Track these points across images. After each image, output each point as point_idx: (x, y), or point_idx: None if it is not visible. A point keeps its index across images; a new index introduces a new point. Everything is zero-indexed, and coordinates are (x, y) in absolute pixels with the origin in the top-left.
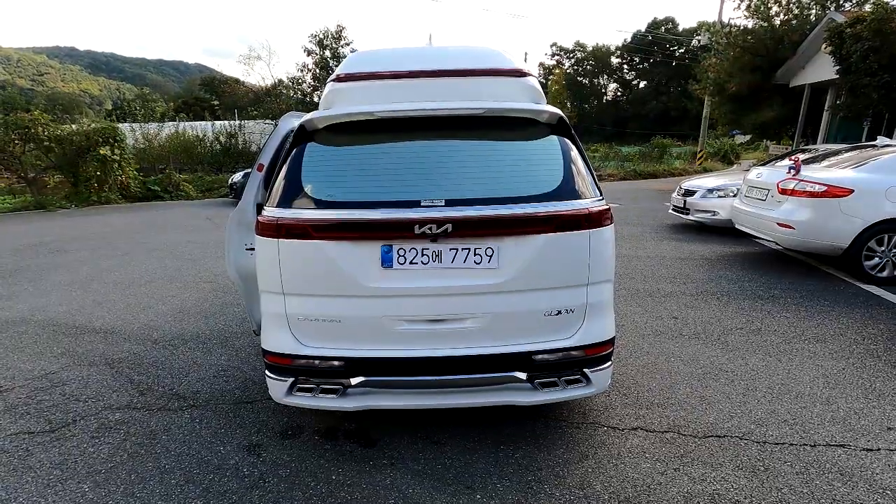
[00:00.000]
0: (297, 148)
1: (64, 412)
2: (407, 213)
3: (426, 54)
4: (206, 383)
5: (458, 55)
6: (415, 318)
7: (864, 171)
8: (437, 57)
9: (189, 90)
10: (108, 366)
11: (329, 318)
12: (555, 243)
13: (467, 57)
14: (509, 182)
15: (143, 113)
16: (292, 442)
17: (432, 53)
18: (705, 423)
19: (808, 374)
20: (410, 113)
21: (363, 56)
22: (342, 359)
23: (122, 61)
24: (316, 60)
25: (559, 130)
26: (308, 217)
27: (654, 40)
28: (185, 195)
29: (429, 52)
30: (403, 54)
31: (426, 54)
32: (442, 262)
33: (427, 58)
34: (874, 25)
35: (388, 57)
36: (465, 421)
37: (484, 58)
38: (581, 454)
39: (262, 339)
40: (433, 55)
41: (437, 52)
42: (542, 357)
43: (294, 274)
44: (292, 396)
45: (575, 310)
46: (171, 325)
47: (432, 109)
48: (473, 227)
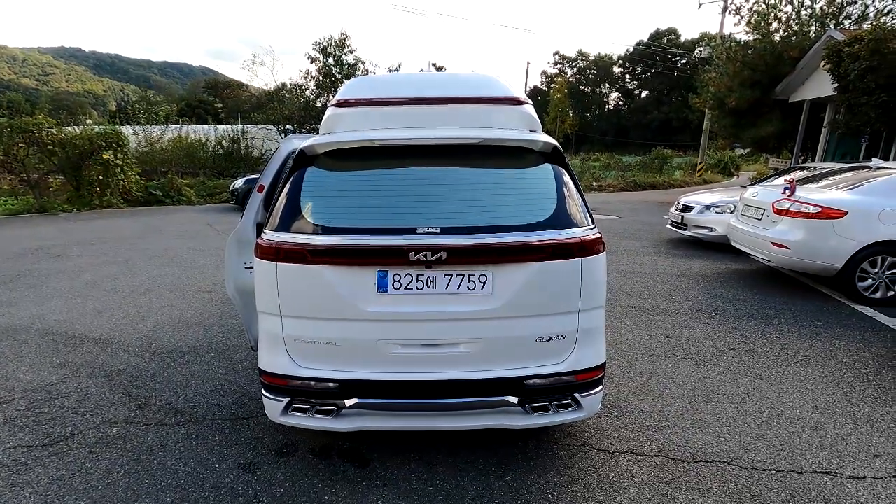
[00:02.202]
0: (298, 172)
1: (62, 425)
2: (403, 240)
3: (425, 81)
4: (203, 398)
5: (456, 83)
6: (409, 342)
7: (859, 193)
8: (436, 84)
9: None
10: (106, 378)
11: (325, 341)
12: (548, 271)
13: (465, 85)
14: (504, 210)
15: (146, 116)
16: (287, 461)
17: (431, 80)
18: (694, 448)
19: (798, 398)
20: (409, 141)
21: (363, 81)
22: (337, 380)
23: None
24: (319, 68)
25: (553, 159)
26: (306, 242)
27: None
28: (186, 200)
29: (427, 79)
30: (403, 80)
31: (425, 81)
32: (436, 287)
33: (426, 85)
34: (872, 45)
35: (388, 83)
36: (457, 442)
37: (481, 86)
38: (571, 478)
39: (259, 359)
40: (432, 82)
41: (435, 78)
42: (534, 382)
43: (291, 296)
44: (287, 416)
45: (566, 336)
46: (170, 337)
47: (430, 139)
48: (468, 254)
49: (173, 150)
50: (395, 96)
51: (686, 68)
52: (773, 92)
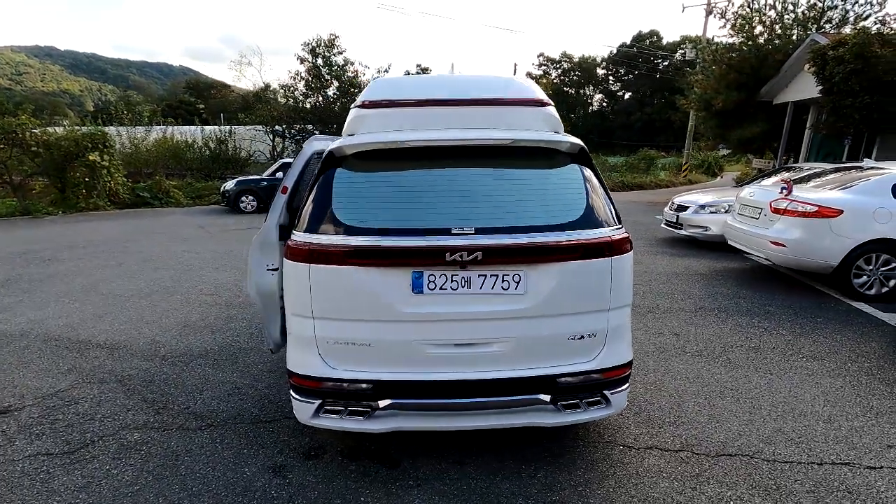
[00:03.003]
0: (327, 173)
1: (80, 432)
2: (438, 241)
3: (449, 83)
4: (222, 401)
5: (480, 84)
6: (443, 342)
7: (853, 192)
8: (460, 86)
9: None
10: (118, 383)
11: (359, 342)
12: (579, 270)
13: (489, 86)
14: (535, 210)
15: (130, 116)
16: (316, 463)
17: (455, 82)
18: (716, 442)
19: (809, 392)
20: (440, 143)
21: (387, 83)
22: (370, 381)
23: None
24: (308, 68)
25: (580, 159)
26: (340, 243)
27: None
28: (174, 202)
29: (451, 81)
30: (427, 82)
31: (449, 83)
32: (471, 287)
33: (450, 86)
34: (857, 49)
35: (412, 84)
36: (486, 441)
37: (506, 87)
38: (601, 474)
39: (289, 361)
40: (456, 84)
41: (459, 80)
42: (566, 380)
43: (324, 298)
44: (319, 418)
45: (597, 334)
46: (178, 341)
47: (461, 140)
48: (502, 254)
49: (158, 151)
50: (420, 98)
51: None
52: (758, 94)
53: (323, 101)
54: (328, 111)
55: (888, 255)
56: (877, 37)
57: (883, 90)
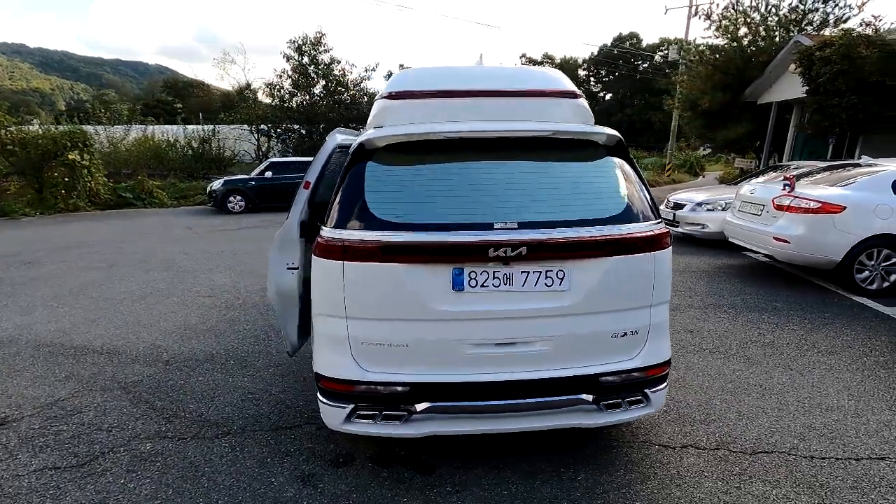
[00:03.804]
0: (356, 167)
1: (88, 444)
2: (481, 236)
3: (477, 73)
4: (236, 408)
5: (510, 75)
6: (484, 341)
7: (855, 188)
8: (490, 76)
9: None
10: (122, 390)
11: (395, 343)
12: (623, 266)
13: (521, 77)
14: (576, 204)
15: (107, 115)
16: (346, 470)
17: (484, 73)
18: (751, 440)
19: (831, 386)
20: (478, 134)
21: (413, 73)
22: (407, 384)
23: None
24: (294, 66)
25: (617, 152)
26: (377, 239)
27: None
28: (158, 202)
29: (480, 72)
30: (454, 73)
31: (477, 73)
32: (513, 284)
33: (480, 77)
34: (843, 50)
35: (439, 75)
36: (518, 444)
37: (537, 79)
38: (643, 475)
39: (317, 364)
40: (485, 74)
41: (488, 71)
42: (609, 379)
43: (359, 297)
44: (351, 424)
45: (639, 331)
46: (180, 345)
47: (501, 131)
48: (547, 250)
49: (138, 151)
50: (449, 88)
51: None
52: (743, 94)
53: (309, 99)
54: (315, 110)
55: (889, 251)
56: (862, 38)
57: (868, 90)
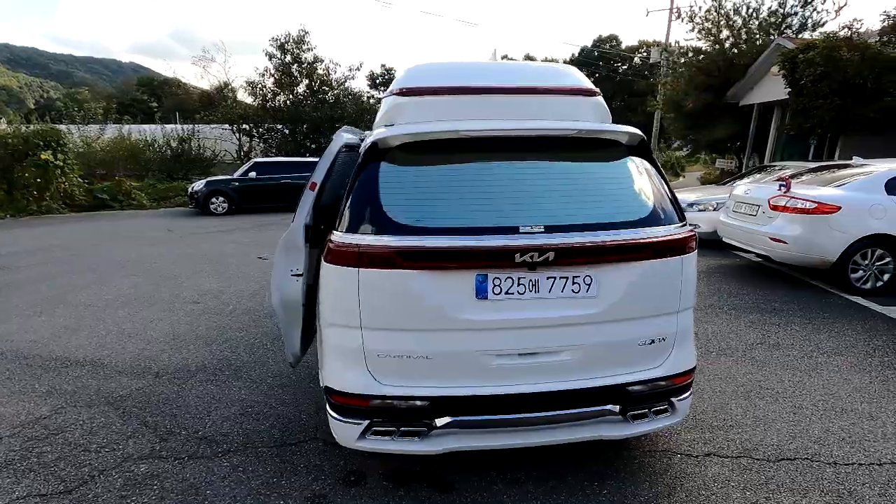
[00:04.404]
0: (369, 167)
1: (75, 466)
2: (506, 241)
3: (492, 70)
4: (235, 423)
5: (527, 72)
6: (508, 351)
7: (849, 189)
8: (506, 73)
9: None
10: (110, 406)
11: (415, 355)
12: (652, 270)
13: (537, 74)
14: (603, 207)
15: (82, 114)
16: (360, 490)
17: (500, 69)
18: (771, 446)
19: (842, 388)
20: (501, 133)
21: (425, 69)
22: (427, 398)
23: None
24: (277, 65)
25: (640, 152)
26: (396, 244)
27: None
28: (136, 204)
29: (494, 68)
30: (469, 69)
31: (492, 70)
32: (539, 291)
33: (495, 73)
34: (825, 53)
35: (453, 71)
36: (536, 456)
37: (554, 76)
38: (669, 486)
39: (328, 378)
40: (501, 71)
41: (502, 67)
42: (636, 388)
43: (376, 307)
44: (366, 441)
45: (667, 338)
46: (170, 355)
47: (525, 130)
48: (576, 254)
49: (114, 150)
50: (463, 85)
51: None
52: (726, 96)
53: (293, 99)
54: (299, 110)
55: (883, 250)
56: (845, 41)
57: (849, 92)
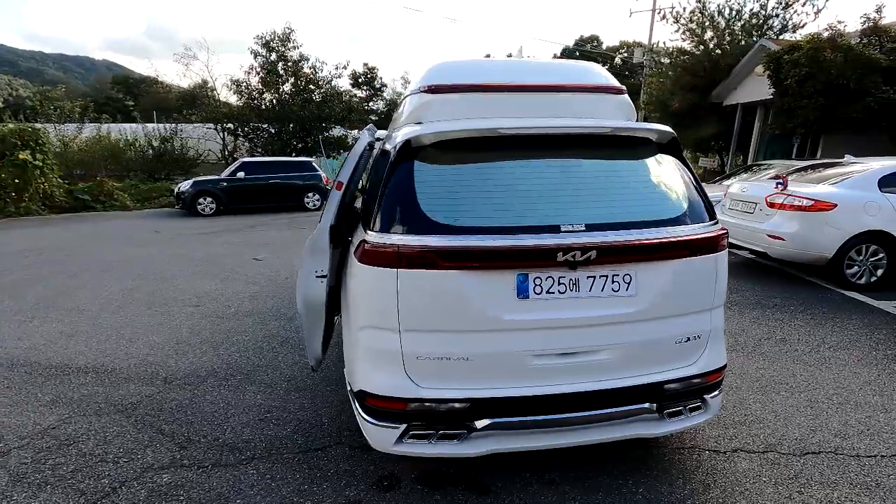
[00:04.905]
0: (403, 166)
1: (94, 478)
2: (548, 240)
3: (519, 67)
4: (255, 429)
5: (553, 70)
6: (548, 351)
7: (844, 186)
8: (533, 71)
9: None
10: (121, 414)
11: (455, 357)
12: (689, 268)
13: (564, 72)
14: (640, 205)
15: (58, 112)
16: (395, 495)
17: (527, 67)
18: (794, 440)
19: (852, 382)
20: (538, 131)
21: (451, 66)
22: (467, 400)
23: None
24: (262, 63)
25: (672, 150)
26: (437, 244)
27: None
28: (120, 205)
29: (521, 66)
30: (495, 66)
31: (519, 67)
32: (579, 290)
33: (522, 71)
34: (810, 54)
35: (479, 68)
36: (567, 456)
37: (581, 73)
38: (702, 484)
39: (361, 381)
40: (528, 68)
41: (529, 65)
42: (672, 386)
43: (415, 308)
44: (402, 445)
45: (701, 335)
46: (176, 360)
47: (562, 127)
48: (617, 253)
49: (93, 150)
50: (491, 82)
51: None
52: (710, 96)
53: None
54: (285, 108)
55: (877, 246)
56: (828, 42)
57: (833, 92)
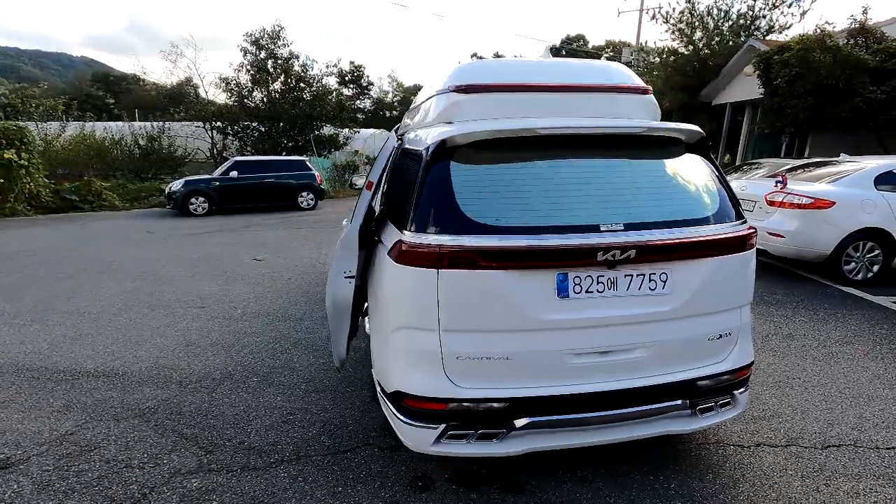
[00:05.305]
0: (438, 166)
1: (122, 485)
2: (589, 239)
3: (546, 67)
4: (280, 432)
5: (581, 70)
6: (586, 350)
7: (842, 184)
8: (560, 70)
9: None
10: (139, 419)
11: (495, 356)
12: (721, 266)
13: (591, 72)
14: (673, 204)
15: (40, 111)
16: (430, 495)
17: (551, 67)
18: (814, 434)
19: (862, 376)
20: (574, 130)
21: (479, 66)
22: (507, 399)
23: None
24: (251, 61)
25: (700, 149)
26: (479, 244)
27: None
28: (108, 205)
29: (549, 65)
30: (521, 66)
31: (546, 67)
32: (617, 289)
33: (550, 71)
34: (801, 54)
35: (506, 68)
36: (598, 455)
37: (608, 73)
38: (732, 478)
39: (399, 382)
40: (555, 69)
41: (557, 65)
42: (704, 383)
43: (456, 308)
44: (440, 445)
45: (732, 332)
46: (189, 363)
47: (597, 127)
48: (654, 252)
49: (77, 149)
50: (520, 82)
51: None
52: (700, 95)
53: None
54: (276, 107)
55: (873, 243)
56: (818, 42)
57: (822, 92)
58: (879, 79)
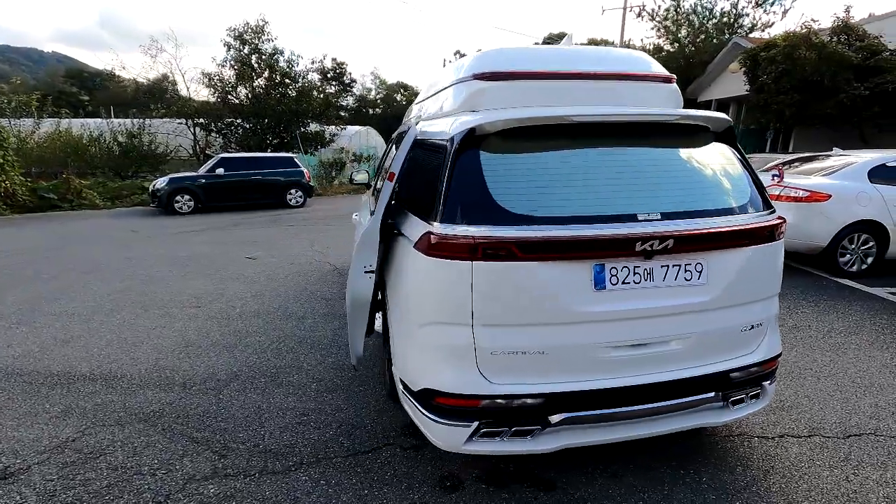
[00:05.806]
0: (467, 154)
1: (134, 493)
2: (626, 229)
3: (570, 55)
4: (295, 433)
5: (605, 57)
6: (622, 343)
7: (837, 178)
8: (584, 58)
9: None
10: (145, 423)
11: (531, 351)
12: (754, 256)
13: (615, 60)
14: (707, 193)
15: (13, 107)
16: (460, 495)
17: (574, 54)
18: (835, 423)
19: (871, 365)
20: (607, 118)
21: (500, 53)
22: (542, 395)
23: None
24: (235, 56)
25: (727, 138)
26: (516, 235)
27: None
28: (88, 204)
29: (572, 53)
30: (544, 53)
31: (570, 55)
32: (653, 280)
33: (574, 58)
34: (787, 51)
35: (531, 55)
36: (626, 450)
37: (632, 62)
38: (762, 470)
39: (428, 379)
40: (579, 56)
41: (581, 52)
42: (737, 374)
43: (491, 302)
44: (473, 443)
45: (763, 323)
46: (190, 364)
47: (631, 115)
48: (692, 242)
49: (53, 146)
50: (545, 69)
51: None
52: (686, 92)
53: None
54: (261, 103)
55: (867, 235)
56: (803, 39)
57: (807, 89)
58: (863, 75)
